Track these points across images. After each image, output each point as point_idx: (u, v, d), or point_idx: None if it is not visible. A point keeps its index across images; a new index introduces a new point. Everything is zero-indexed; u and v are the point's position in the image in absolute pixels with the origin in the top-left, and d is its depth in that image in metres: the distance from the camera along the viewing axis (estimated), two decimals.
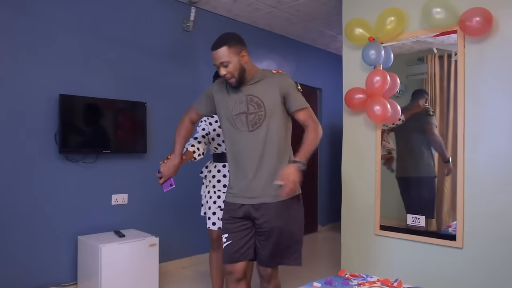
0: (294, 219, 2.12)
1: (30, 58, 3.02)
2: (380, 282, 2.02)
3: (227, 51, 2.02)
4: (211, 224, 2.68)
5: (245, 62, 2.07)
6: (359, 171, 3.19)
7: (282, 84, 2.10)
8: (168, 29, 3.90)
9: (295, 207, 2.12)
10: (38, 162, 3.07)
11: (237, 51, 2.04)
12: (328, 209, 5.93)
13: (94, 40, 3.37)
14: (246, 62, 2.07)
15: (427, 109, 2.97)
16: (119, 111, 3.46)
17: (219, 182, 2.69)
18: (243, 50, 2.07)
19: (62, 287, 3.18)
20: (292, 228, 2.10)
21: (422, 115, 3.02)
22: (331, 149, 5.93)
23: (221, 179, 2.69)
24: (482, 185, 2.59)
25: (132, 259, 3.05)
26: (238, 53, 2.04)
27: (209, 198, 2.71)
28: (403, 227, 2.95)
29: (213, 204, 2.68)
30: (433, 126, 2.94)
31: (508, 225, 2.48)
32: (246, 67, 2.08)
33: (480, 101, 2.61)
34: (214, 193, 2.70)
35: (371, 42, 2.96)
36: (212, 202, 2.69)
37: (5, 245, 2.91)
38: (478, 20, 2.46)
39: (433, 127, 2.94)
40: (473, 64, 2.63)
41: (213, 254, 2.80)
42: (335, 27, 4.76)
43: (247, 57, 2.09)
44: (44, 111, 3.09)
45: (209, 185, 2.72)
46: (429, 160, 3.00)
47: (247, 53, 2.09)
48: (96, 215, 3.38)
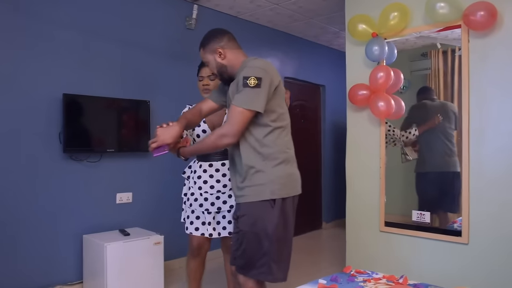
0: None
1: (33, 58, 3.03)
2: (385, 279, 2.02)
3: (203, 52, 2.06)
4: (194, 230, 2.52)
5: (222, 59, 1.99)
6: (364, 167, 3.19)
7: (238, 77, 1.87)
8: (171, 27, 3.89)
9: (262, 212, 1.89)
10: (43, 161, 3.08)
11: (211, 49, 2.01)
12: (332, 206, 5.92)
13: (97, 39, 3.37)
14: (224, 58, 1.99)
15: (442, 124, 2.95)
16: (122, 110, 3.46)
17: (205, 183, 2.53)
18: (218, 48, 1.99)
19: (68, 285, 3.19)
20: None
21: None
22: (335, 146, 5.92)
23: (208, 180, 2.53)
24: (488, 181, 2.57)
25: (137, 257, 3.06)
26: (213, 51, 2.00)
27: (193, 200, 2.55)
28: (408, 223, 2.95)
29: (199, 207, 2.53)
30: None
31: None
32: (226, 63, 1.99)
33: (484, 96, 2.60)
34: (200, 195, 2.53)
35: (374, 38, 2.94)
36: (197, 205, 2.53)
37: (11, 244, 2.92)
38: (482, 14, 2.44)
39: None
40: (478, 58, 2.61)
41: (192, 262, 2.66)
42: (338, 24, 4.74)
43: (225, 53, 1.99)
44: (48, 111, 3.10)
45: (194, 187, 2.56)
46: (452, 154, 2.91)
47: (223, 49, 1.99)
48: (101, 214, 3.39)
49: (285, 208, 1.89)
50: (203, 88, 2.55)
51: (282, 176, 1.89)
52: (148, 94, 3.64)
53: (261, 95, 1.81)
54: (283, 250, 1.91)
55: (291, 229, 1.95)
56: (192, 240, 2.58)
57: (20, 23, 2.97)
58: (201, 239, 2.56)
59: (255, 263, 1.88)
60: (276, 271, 1.87)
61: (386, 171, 3.06)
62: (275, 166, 1.88)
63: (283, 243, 1.90)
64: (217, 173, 2.53)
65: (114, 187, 3.47)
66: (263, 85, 1.81)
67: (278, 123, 1.91)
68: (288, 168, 1.93)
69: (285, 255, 1.93)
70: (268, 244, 1.85)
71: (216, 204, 2.52)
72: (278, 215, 1.86)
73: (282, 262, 1.91)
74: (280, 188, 1.87)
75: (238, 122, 1.81)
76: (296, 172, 1.99)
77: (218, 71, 2.04)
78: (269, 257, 1.86)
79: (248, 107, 1.80)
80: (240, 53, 2.03)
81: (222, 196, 2.54)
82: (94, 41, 3.36)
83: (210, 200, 2.52)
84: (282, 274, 1.91)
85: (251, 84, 1.79)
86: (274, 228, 1.85)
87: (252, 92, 1.80)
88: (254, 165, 1.88)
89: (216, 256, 3.95)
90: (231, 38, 2.04)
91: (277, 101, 1.91)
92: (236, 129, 1.82)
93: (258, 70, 1.82)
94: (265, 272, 1.87)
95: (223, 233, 2.56)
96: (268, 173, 1.87)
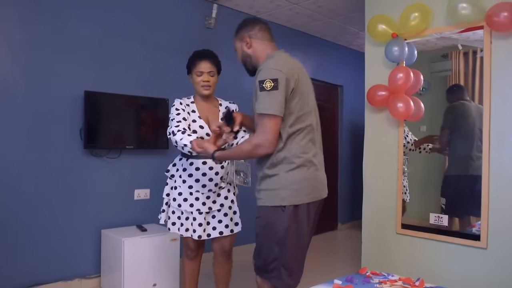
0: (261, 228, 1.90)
1: (55, 57, 3.10)
2: (401, 281, 2.00)
3: (235, 38, 2.04)
4: (184, 231, 2.40)
5: (248, 48, 1.97)
6: (381, 169, 3.16)
7: (255, 80, 1.84)
8: (190, 26, 3.93)
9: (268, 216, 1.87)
10: (64, 157, 3.15)
11: (241, 37, 1.99)
12: (348, 207, 5.89)
13: (117, 37, 3.43)
14: (249, 48, 1.96)
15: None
16: (141, 108, 3.52)
17: (197, 182, 2.39)
18: (246, 36, 1.96)
19: (86, 279, 3.26)
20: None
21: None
22: (352, 147, 5.89)
23: (200, 178, 2.39)
24: (508, 184, 2.53)
25: (153, 253, 3.10)
26: (242, 39, 1.99)
27: (182, 200, 2.40)
28: (426, 226, 2.91)
29: (189, 207, 2.39)
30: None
31: None
32: (251, 53, 1.97)
33: (507, 98, 2.55)
34: (190, 194, 2.39)
35: (394, 39, 2.92)
36: (188, 205, 2.39)
37: (32, 238, 3.00)
38: (505, 15, 2.40)
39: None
40: (500, 60, 2.57)
41: (188, 264, 2.57)
42: (357, 24, 4.71)
43: (251, 43, 1.96)
44: (70, 108, 3.17)
45: (183, 186, 2.41)
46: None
47: (251, 38, 1.96)
48: (119, 210, 3.45)
49: (297, 215, 1.83)
50: (203, 84, 2.42)
51: (296, 182, 1.82)
52: (167, 93, 3.68)
53: (281, 97, 1.75)
54: (295, 256, 1.86)
55: (304, 236, 1.88)
56: (188, 242, 2.49)
57: (43, 21, 3.04)
58: (196, 241, 2.48)
59: (267, 266, 1.88)
60: (286, 277, 1.84)
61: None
62: (288, 172, 1.82)
63: (295, 249, 1.85)
64: (211, 171, 2.41)
65: (132, 184, 3.52)
66: (280, 86, 1.75)
67: (295, 126, 1.84)
68: (304, 173, 1.84)
69: (298, 261, 1.89)
70: (279, 249, 1.82)
71: (207, 204, 2.41)
72: (289, 220, 1.81)
73: (294, 268, 1.86)
74: (291, 195, 1.81)
75: (270, 130, 1.75)
76: (315, 177, 1.90)
77: (242, 60, 2.02)
78: (279, 262, 1.83)
79: (273, 112, 1.74)
80: (269, 45, 1.98)
81: (213, 195, 2.43)
82: (114, 39, 3.41)
83: (202, 199, 2.40)
84: (292, 280, 1.86)
85: (268, 87, 1.74)
86: (284, 233, 1.81)
87: (270, 95, 1.74)
88: (268, 169, 1.86)
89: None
90: (263, 29, 1.99)
91: (295, 101, 1.82)
92: (270, 137, 1.76)
93: (272, 72, 1.76)
94: (275, 276, 1.85)
95: (213, 234, 2.44)
96: (281, 179, 1.82)
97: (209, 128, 2.37)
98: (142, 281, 3.06)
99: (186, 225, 2.40)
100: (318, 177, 1.93)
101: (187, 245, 2.52)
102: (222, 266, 2.59)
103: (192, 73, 2.45)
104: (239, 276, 3.36)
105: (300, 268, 1.91)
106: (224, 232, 2.45)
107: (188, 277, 2.59)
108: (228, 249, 2.55)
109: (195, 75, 2.42)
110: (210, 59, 2.44)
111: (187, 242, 2.50)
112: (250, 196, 2.18)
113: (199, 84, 2.42)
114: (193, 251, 2.53)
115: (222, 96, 2.67)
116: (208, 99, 2.50)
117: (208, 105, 2.49)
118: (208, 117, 2.45)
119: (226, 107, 2.48)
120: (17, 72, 2.94)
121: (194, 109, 2.44)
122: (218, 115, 2.48)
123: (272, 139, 1.76)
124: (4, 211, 2.88)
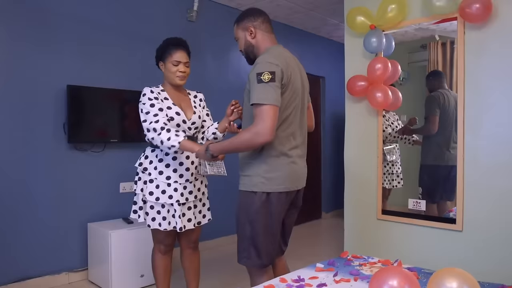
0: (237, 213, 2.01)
1: (38, 50, 3.09)
2: (380, 263, 2.09)
3: (236, 28, 2.07)
4: (167, 225, 2.32)
5: (252, 38, 2.02)
6: (362, 157, 3.26)
7: (251, 72, 1.87)
8: (172, 19, 3.94)
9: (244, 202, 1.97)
10: (48, 151, 3.15)
11: (244, 26, 2.03)
12: (332, 196, 6.01)
13: (99, 31, 3.42)
14: (253, 38, 2.01)
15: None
16: (125, 101, 3.52)
17: (175, 172, 2.32)
18: (250, 26, 2.01)
19: (73, 272, 3.28)
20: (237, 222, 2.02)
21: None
22: (335, 137, 5.99)
23: (178, 168, 2.33)
24: (482, 171, 2.64)
25: (140, 245, 3.14)
26: (245, 29, 2.03)
27: (161, 193, 2.31)
28: (405, 211, 3.02)
29: (169, 199, 2.30)
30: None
31: (508, 210, 2.54)
32: (254, 44, 2.02)
33: (480, 87, 2.65)
34: (168, 185, 2.31)
35: (373, 30, 2.99)
36: (166, 197, 2.30)
37: (17, 232, 3.01)
38: (477, 7, 2.49)
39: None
40: (473, 50, 2.67)
41: (161, 260, 2.48)
42: (337, 16, 4.78)
43: (256, 33, 2.01)
44: (53, 102, 3.17)
45: (159, 178, 2.31)
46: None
47: (255, 29, 2.00)
48: (105, 203, 3.47)
49: (269, 201, 1.92)
50: (179, 74, 2.34)
51: (268, 171, 1.90)
52: (150, 85, 3.68)
53: (277, 89, 1.81)
54: (264, 238, 1.93)
55: (275, 221, 1.95)
56: (162, 236, 2.40)
57: (24, 15, 3.02)
58: (172, 234, 2.43)
59: (240, 246, 2.00)
60: (255, 256, 1.95)
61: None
62: (263, 161, 1.91)
63: (265, 232, 1.93)
64: (187, 160, 2.36)
65: (117, 177, 3.54)
66: (277, 79, 1.81)
67: (278, 119, 1.87)
68: (277, 164, 1.91)
69: (267, 243, 1.95)
70: (250, 229, 1.93)
71: (184, 195, 2.34)
72: (260, 205, 1.91)
73: (263, 249, 1.94)
74: (264, 182, 1.90)
75: (269, 119, 1.76)
76: (289, 169, 1.95)
77: (245, 50, 2.06)
78: (250, 241, 1.95)
79: (271, 102, 1.77)
80: (269, 37, 2.04)
81: (189, 185, 2.37)
82: (97, 33, 3.41)
83: (180, 190, 2.32)
84: (260, 260, 1.95)
85: (266, 79, 1.79)
86: (254, 216, 1.91)
87: (267, 87, 1.78)
88: (246, 156, 1.97)
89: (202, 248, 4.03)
90: (265, 21, 2.04)
91: (283, 96, 1.88)
92: (269, 125, 1.76)
93: (270, 66, 1.81)
94: (245, 256, 1.97)
95: (188, 225, 2.36)
96: (255, 167, 1.93)
97: (185, 115, 2.36)
98: (130, 273, 3.10)
99: (169, 218, 2.33)
100: (293, 170, 1.98)
101: (162, 239, 2.42)
102: (190, 258, 2.56)
103: (165, 61, 2.36)
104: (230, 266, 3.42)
105: (270, 250, 1.98)
106: (196, 224, 2.43)
107: (162, 273, 2.49)
108: (195, 241, 2.54)
109: (170, 64, 2.34)
110: (186, 49, 2.39)
111: (163, 236, 2.41)
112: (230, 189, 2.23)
113: (174, 74, 2.34)
114: (168, 245, 2.46)
115: (203, 89, 2.70)
116: (178, 88, 2.45)
117: (178, 94, 2.44)
118: (181, 105, 2.40)
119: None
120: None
121: (166, 97, 2.36)
122: (190, 103, 2.45)
123: (271, 126, 1.77)
124: None
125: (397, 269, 1.36)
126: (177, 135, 2.15)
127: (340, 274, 1.90)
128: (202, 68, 4.12)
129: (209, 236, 4.15)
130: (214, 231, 4.11)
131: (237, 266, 2.16)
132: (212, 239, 4.22)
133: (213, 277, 3.41)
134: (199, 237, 2.58)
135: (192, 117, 2.40)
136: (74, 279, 3.28)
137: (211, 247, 4.21)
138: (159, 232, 2.38)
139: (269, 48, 1.98)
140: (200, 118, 2.45)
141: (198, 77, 4.04)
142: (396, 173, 3.20)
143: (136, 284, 3.14)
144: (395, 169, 3.20)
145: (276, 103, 1.79)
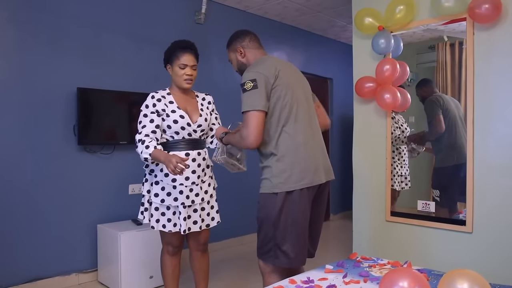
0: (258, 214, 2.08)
1: (48, 54, 3.12)
2: (390, 264, 2.09)
3: (228, 51, 2.25)
4: (172, 226, 2.34)
5: (242, 57, 2.18)
6: (370, 158, 3.25)
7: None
8: (181, 21, 3.96)
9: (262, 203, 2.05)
10: (58, 153, 3.18)
11: (234, 48, 2.21)
12: (340, 198, 5.99)
13: (108, 34, 3.45)
14: (244, 57, 2.17)
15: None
16: (134, 103, 3.53)
17: (181, 174, 2.25)
18: (239, 47, 2.18)
19: (83, 273, 3.31)
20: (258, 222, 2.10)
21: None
22: (342, 138, 5.97)
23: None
24: (492, 172, 2.62)
25: (149, 246, 3.16)
26: (235, 50, 2.20)
27: (166, 195, 2.33)
28: (414, 213, 3.00)
29: (174, 201, 2.32)
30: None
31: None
32: (245, 62, 2.17)
33: (489, 88, 2.63)
34: (174, 188, 2.32)
35: (381, 31, 2.99)
36: (172, 200, 2.32)
37: (27, 233, 3.04)
38: (487, 7, 2.47)
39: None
40: (483, 51, 2.65)
41: (169, 261, 2.49)
42: (345, 17, 4.78)
43: (245, 52, 2.17)
44: (63, 104, 3.20)
45: (165, 180, 2.32)
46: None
47: (244, 48, 2.17)
48: (114, 205, 3.49)
49: (291, 200, 1.97)
50: (186, 77, 2.34)
51: (285, 170, 1.97)
52: (158, 88, 3.69)
53: (261, 94, 1.92)
54: (289, 237, 1.98)
55: (299, 218, 1.99)
56: (171, 237, 2.42)
57: (35, 18, 3.06)
58: (180, 236, 2.43)
59: (264, 247, 2.05)
60: (282, 255, 1.99)
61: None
62: (277, 162, 1.99)
63: (290, 231, 1.98)
64: (194, 163, 2.35)
65: (126, 179, 3.57)
66: (260, 85, 1.92)
67: (281, 119, 1.99)
68: (291, 162, 1.97)
69: (293, 242, 1.99)
70: (273, 230, 1.99)
71: (190, 197, 2.34)
72: (281, 205, 1.96)
73: (289, 248, 1.98)
74: (282, 182, 1.96)
75: (251, 125, 1.91)
76: (304, 164, 1.99)
77: (239, 68, 2.22)
78: (274, 242, 1.99)
79: (253, 108, 1.91)
80: (258, 52, 2.18)
81: (195, 188, 2.36)
82: (106, 36, 3.44)
83: (185, 193, 2.32)
84: (287, 259, 1.98)
85: (248, 87, 1.93)
86: (277, 216, 1.97)
87: (250, 94, 1.92)
88: (264, 160, 2.07)
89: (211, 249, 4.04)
90: (252, 39, 2.20)
91: (277, 94, 1.98)
92: (251, 131, 1.91)
93: (251, 74, 1.96)
94: (272, 256, 2.02)
95: (193, 228, 2.36)
96: (272, 169, 2.00)
97: (190, 118, 2.36)
98: (139, 274, 3.12)
99: (174, 220, 2.34)
100: (308, 164, 2.01)
101: (169, 241, 2.44)
102: (199, 260, 2.55)
103: (173, 64, 2.37)
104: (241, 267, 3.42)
105: (296, 248, 2.00)
106: (203, 226, 2.42)
107: (170, 274, 2.50)
108: (203, 243, 2.53)
109: (177, 67, 2.34)
110: (193, 52, 2.38)
111: (170, 238, 2.42)
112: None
113: (181, 78, 2.35)
114: (176, 247, 2.47)
115: (211, 91, 2.72)
116: (186, 91, 2.44)
117: (185, 97, 2.43)
118: (187, 108, 2.39)
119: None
120: (10, 70, 2.96)
121: (171, 100, 2.36)
122: (196, 106, 2.44)
123: (255, 133, 1.92)
124: (0, 208, 2.91)
125: (407, 271, 1.35)
126: (147, 147, 2.20)
127: (350, 275, 1.90)
128: (209, 71, 4.14)
129: (217, 238, 4.15)
130: (222, 232, 4.12)
131: (245, 267, 2.17)
132: (220, 240, 4.23)
133: (221, 278, 3.41)
134: (208, 240, 2.57)
135: (198, 120, 2.39)
136: (84, 280, 3.30)
137: (219, 248, 4.22)
138: (166, 233, 2.40)
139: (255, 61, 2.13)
140: (206, 121, 2.44)
141: (205, 80, 4.06)
142: (404, 175, 3.19)
143: (145, 285, 3.15)
144: (403, 170, 3.19)
145: (260, 107, 1.92)
